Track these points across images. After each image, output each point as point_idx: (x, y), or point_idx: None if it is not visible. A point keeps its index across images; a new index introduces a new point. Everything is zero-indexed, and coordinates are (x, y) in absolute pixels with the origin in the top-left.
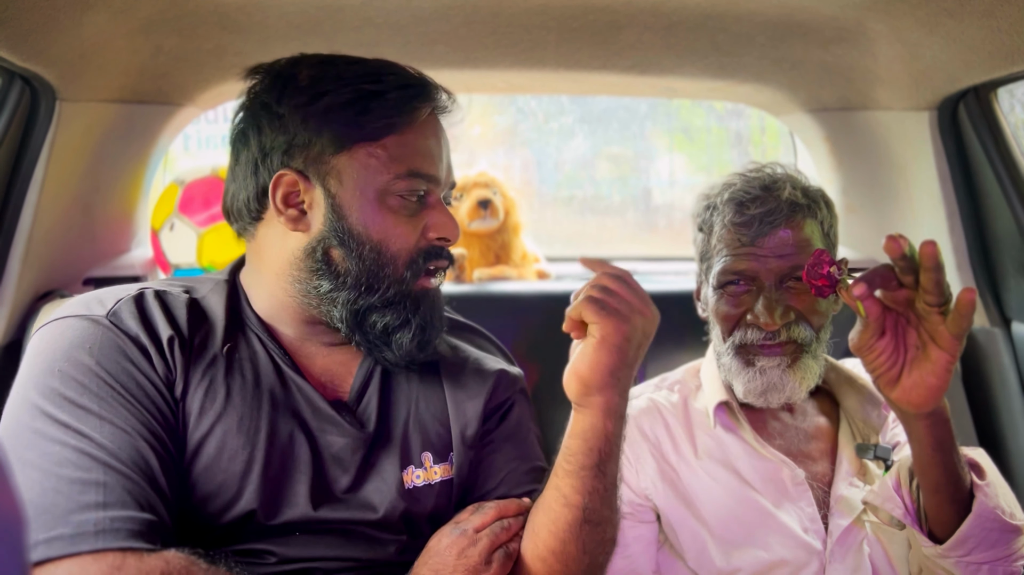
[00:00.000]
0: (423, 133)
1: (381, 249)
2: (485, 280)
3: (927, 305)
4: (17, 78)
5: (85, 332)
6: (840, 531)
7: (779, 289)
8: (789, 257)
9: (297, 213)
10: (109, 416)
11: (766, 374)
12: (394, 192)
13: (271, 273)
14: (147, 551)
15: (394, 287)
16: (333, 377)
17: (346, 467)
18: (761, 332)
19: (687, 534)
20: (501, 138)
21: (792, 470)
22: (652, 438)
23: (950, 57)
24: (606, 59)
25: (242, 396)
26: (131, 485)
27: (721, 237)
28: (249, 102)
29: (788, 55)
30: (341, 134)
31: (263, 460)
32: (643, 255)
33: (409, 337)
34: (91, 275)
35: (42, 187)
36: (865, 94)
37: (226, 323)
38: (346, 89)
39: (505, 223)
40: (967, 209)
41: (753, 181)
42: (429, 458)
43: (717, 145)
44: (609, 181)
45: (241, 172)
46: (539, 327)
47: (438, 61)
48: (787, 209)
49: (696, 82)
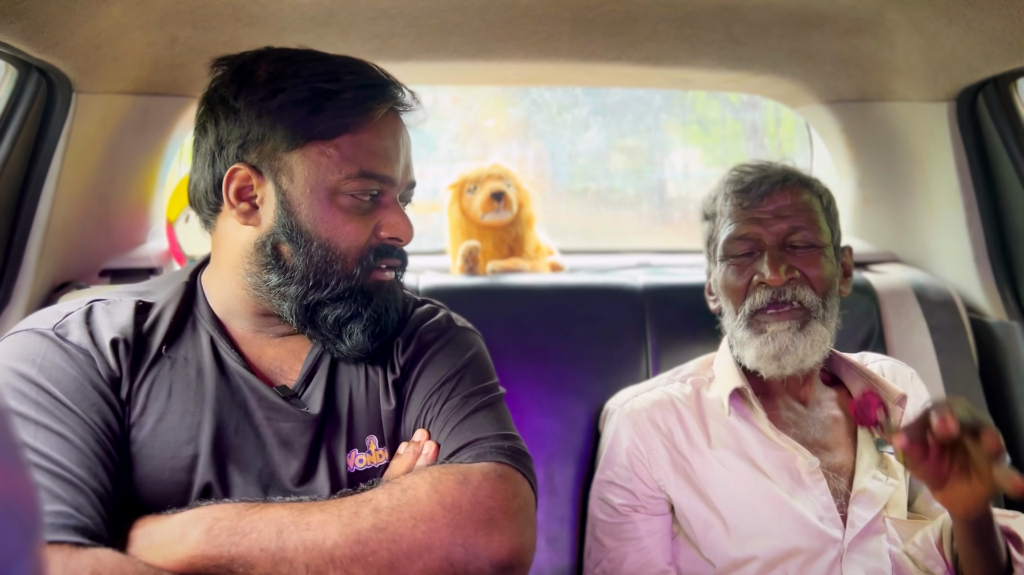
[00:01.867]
0: (379, 133)
1: (329, 246)
2: (498, 272)
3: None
4: (34, 70)
5: (32, 345)
6: (864, 524)
7: (781, 250)
8: (789, 219)
9: (249, 207)
10: (46, 422)
11: (777, 338)
12: (345, 192)
13: (227, 266)
14: (76, 547)
15: (344, 283)
16: (282, 364)
17: (295, 451)
18: (768, 292)
19: (700, 523)
20: (515, 130)
21: (807, 458)
22: (665, 430)
23: (969, 47)
24: (620, 50)
25: (184, 393)
26: (65, 485)
27: (723, 211)
28: (209, 94)
29: (805, 46)
30: (294, 132)
31: (209, 453)
32: (658, 248)
33: (360, 328)
34: (107, 267)
35: (59, 179)
36: (882, 85)
37: (171, 322)
38: (302, 87)
39: (519, 215)
40: (985, 201)
41: (753, 164)
42: (374, 441)
43: (732, 137)
44: (623, 173)
45: (200, 163)
46: (552, 320)
47: (452, 53)
48: (783, 174)
49: (711, 73)
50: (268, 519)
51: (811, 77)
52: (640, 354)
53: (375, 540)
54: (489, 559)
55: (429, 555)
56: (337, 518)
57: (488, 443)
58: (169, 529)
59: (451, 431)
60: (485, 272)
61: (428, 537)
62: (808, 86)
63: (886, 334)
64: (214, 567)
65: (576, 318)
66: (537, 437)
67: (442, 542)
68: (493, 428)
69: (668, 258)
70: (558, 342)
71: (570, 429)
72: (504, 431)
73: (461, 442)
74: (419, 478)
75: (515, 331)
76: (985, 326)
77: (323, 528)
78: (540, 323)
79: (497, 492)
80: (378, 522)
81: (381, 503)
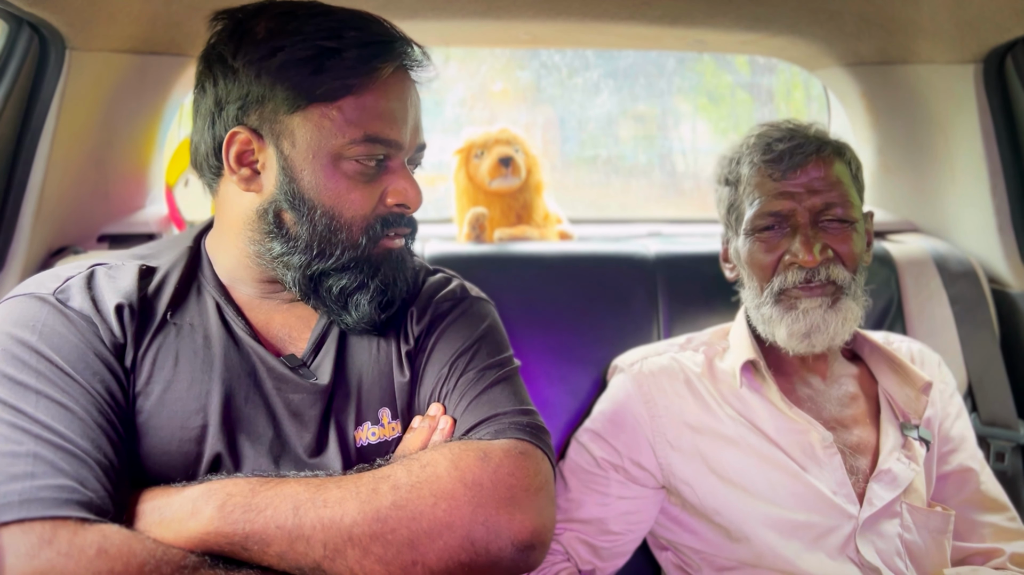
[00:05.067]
0: (385, 94)
1: (334, 215)
2: (506, 240)
3: None
4: (25, 25)
5: (31, 310)
6: (883, 503)
7: (814, 227)
8: (822, 193)
9: (250, 172)
10: (48, 391)
11: (809, 315)
12: (349, 157)
13: (231, 231)
14: (82, 523)
15: (349, 252)
16: (291, 331)
17: (306, 423)
18: (801, 272)
19: (709, 494)
20: (523, 94)
21: (820, 433)
22: (672, 395)
23: (999, 5)
24: (634, 9)
25: (191, 360)
26: (68, 457)
27: (750, 180)
28: (207, 51)
29: (825, 5)
30: (295, 93)
31: (218, 423)
32: (669, 217)
33: (367, 299)
34: (105, 232)
35: (53, 140)
36: (906, 47)
37: (176, 288)
38: (303, 45)
39: (527, 182)
40: (1011, 168)
41: (779, 125)
42: (387, 414)
43: (745, 104)
44: (635, 140)
45: (200, 124)
46: (561, 289)
47: (460, 11)
48: (816, 143)
49: (728, 34)
50: (284, 495)
51: (831, 38)
52: (652, 324)
53: (395, 518)
54: (511, 538)
55: (450, 534)
56: (355, 495)
57: (507, 419)
58: (180, 504)
59: (468, 405)
60: (492, 240)
61: (449, 515)
62: (828, 48)
63: (905, 305)
64: (227, 544)
65: (586, 287)
66: (545, 406)
67: (463, 521)
68: (511, 403)
69: (680, 227)
70: (568, 312)
71: (579, 399)
72: (523, 406)
73: (479, 417)
74: (438, 454)
75: (523, 300)
76: (1007, 297)
77: (341, 505)
78: (549, 292)
79: (518, 470)
80: (397, 499)
81: (400, 480)
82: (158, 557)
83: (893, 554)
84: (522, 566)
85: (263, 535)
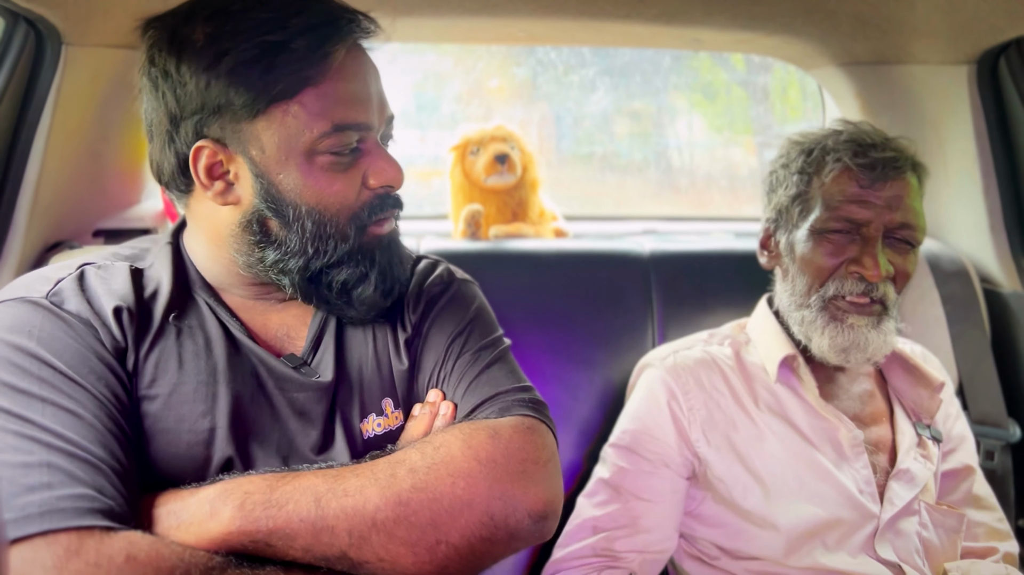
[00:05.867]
0: (343, 78)
1: (320, 212)
2: (501, 237)
3: None
4: (21, 20)
5: (25, 315)
6: (903, 503)
7: (884, 242)
8: (899, 212)
9: (224, 186)
10: (53, 398)
11: (854, 331)
12: (322, 151)
13: (214, 244)
14: (107, 531)
15: (341, 246)
16: (289, 331)
17: (312, 421)
18: (861, 284)
19: (740, 487)
20: (519, 91)
21: (850, 431)
22: (709, 388)
23: (994, 7)
24: (630, 7)
25: (195, 364)
26: (82, 465)
27: (834, 179)
28: (148, 64)
29: (821, 5)
30: (251, 98)
31: (227, 426)
32: (664, 215)
33: (371, 289)
34: (101, 227)
35: (49, 135)
36: (900, 47)
37: (172, 289)
38: (247, 44)
39: (523, 179)
40: (1004, 169)
41: (870, 131)
42: (390, 403)
43: (741, 101)
44: (630, 138)
45: (159, 143)
46: (556, 286)
47: (456, 8)
48: (910, 161)
49: (723, 33)
50: (303, 488)
51: (827, 38)
52: (646, 322)
53: (416, 500)
54: (527, 510)
55: (470, 511)
56: (374, 481)
57: (509, 397)
58: (197, 506)
59: (468, 387)
60: (488, 237)
61: (468, 493)
62: (823, 47)
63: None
64: (251, 543)
65: (581, 285)
66: None
67: (481, 497)
68: (510, 381)
69: (675, 225)
70: (562, 309)
71: (572, 396)
72: (521, 383)
73: (481, 397)
74: (450, 435)
75: (518, 297)
76: (999, 297)
77: (362, 493)
78: (544, 289)
79: (528, 444)
80: (416, 482)
81: (416, 463)
82: (186, 560)
83: (912, 551)
84: (537, 536)
85: (287, 530)
